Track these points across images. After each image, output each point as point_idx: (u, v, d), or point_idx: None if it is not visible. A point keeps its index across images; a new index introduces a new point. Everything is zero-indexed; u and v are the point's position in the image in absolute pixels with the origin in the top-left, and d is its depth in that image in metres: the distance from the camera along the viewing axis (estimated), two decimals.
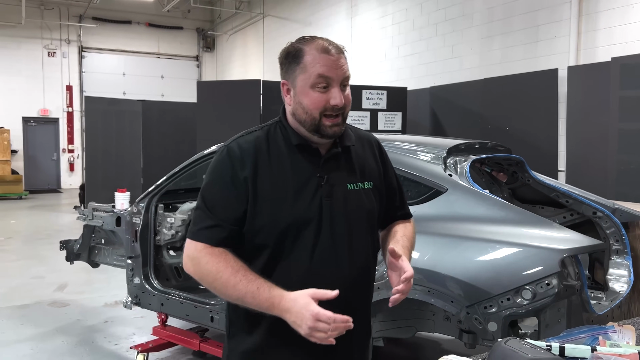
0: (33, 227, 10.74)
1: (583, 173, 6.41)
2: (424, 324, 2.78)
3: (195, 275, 1.52)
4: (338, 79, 1.50)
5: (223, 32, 18.47)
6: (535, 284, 2.26)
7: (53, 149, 17.82)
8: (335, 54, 1.50)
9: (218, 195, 1.53)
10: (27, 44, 17.07)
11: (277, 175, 1.52)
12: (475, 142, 3.37)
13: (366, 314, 1.69)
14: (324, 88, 1.49)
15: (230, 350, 1.65)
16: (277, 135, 1.58)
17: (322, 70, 1.48)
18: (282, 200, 1.50)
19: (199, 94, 8.53)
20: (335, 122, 1.51)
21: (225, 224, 1.50)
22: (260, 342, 1.56)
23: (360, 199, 1.59)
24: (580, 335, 1.50)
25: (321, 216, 1.52)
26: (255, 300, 1.42)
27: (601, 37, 6.77)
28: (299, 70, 1.51)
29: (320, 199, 1.53)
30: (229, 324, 1.67)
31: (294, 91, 1.53)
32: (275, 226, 1.50)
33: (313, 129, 1.52)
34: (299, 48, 1.52)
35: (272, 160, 1.53)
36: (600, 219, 3.04)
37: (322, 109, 1.50)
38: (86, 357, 4.20)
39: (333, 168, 1.57)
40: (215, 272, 1.46)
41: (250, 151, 1.53)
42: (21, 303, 5.53)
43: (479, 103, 7.86)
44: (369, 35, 10.75)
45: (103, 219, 4.28)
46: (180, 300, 3.66)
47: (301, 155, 1.55)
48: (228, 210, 1.51)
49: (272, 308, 1.41)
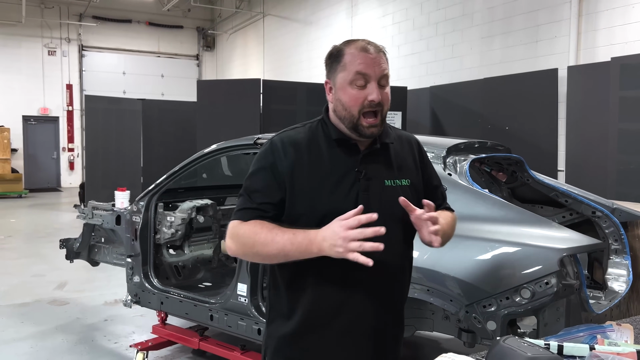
0: (33, 225, 10.74)
1: (583, 173, 6.42)
2: (423, 323, 2.78)
3: (237, 249, 1.60)
4: (376, 76, 1.56)
5: (223, 31, 18.46)
6: (534, 283, 2.26)
7: (53, 148, 17.82)
8: (374, 52, 1.58)
9: (258, 183, 1.62)
10: (27, 43, 17.07)
11: (316, 168, 1.60)
12: (475, 142, 3.37)
13: (401, 306, 1.74)
14: (362, 85, 1.56)
15: (268, 336, 1.72)
16: (319, 131, 1.66)
17: (360, 67, 1.55)
18: (320, 191, 1.58)
19: (199, 93, 8.54)
20: (373, 123, 1.57)
21: (262, 207, 1.59)
22: (297, 326, 1.62)
23: (397, 195, 1.61)
24: (578, 334, 1.50)
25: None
26: (294, 245, 1.48)
27: (601, 37, 6.78)
28: (339, 68, 1.59)
29: (357, 192, 1.58)
30: (269, 309, 1.73)
31: (335, 89, 1.62)
32: (312, 215, 1.56)
33: (351, 127, 1.59)
34: (340, 48, 1.62)
35: (312, 153, 1.61)
36: (599, 218, 3.05)
37: (361, 105, 1.56)
38: (86, 355, 4.21)
39: (371, 164, 1.62)
40: (252, 234, 1.54)
41: (291, 144, 1.62)
42: (21, 301, 5.54)
43: (478, 103, 7.86)
44: (369, 34, 10.74)
45: (103, 217, 4.29)
46: (180, 299, 3.67)
47: (340, 150, 1.62)
48: (266, 197, 1.59)
49: (310, 245, 1.47)
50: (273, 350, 1.69)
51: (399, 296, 1.72)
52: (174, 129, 10.37)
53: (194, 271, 4.40)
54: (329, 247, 1.44)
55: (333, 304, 1.59)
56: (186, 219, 4.13)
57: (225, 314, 3.35)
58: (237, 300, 3.26)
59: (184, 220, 4.11)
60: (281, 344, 1.67)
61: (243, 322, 3.24)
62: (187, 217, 4.14)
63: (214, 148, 3.66)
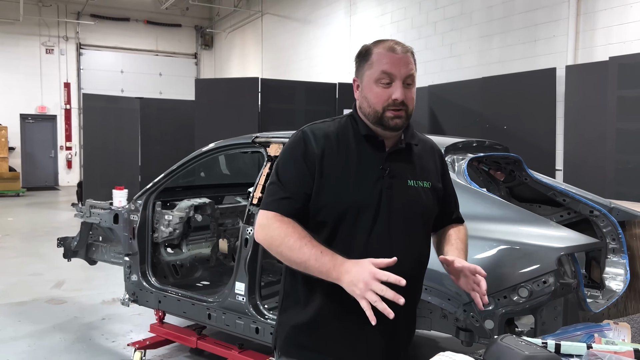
0: (31, 224, 10.73)
1: (581, 172, 6.42)
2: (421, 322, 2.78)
3: (265, 240, 1.60)
4: (401, 75, 1.60)
5: (222, 30, 18.45)
6: (532, 282, 2.26)
7: (51, 146, 17.79)
8: (401, 52, 1.63)
9: (291, 171, 1.63)
10: (25, 41, 17.04)
11: (343, 160, 1.63)
12: (473, 141, 3.36)
13: (413, 306, 1.76)
14: (387, 84, 1.60)
15: (280, 324, 1.73)
16: (348, 126, 1.69)
17: (386, 67, 1.60)
18: (346, 183, 1.60)
19: (197, 92, 8.54)
20: (398, 115, 1.60)
21: (296, 197, 1.61)
22: (313, 315, 1.63)
23: (419, 195, 1.67)
24: (576, 333, 1.51)
25: (380, 204, 1.61)
26: (317, 263, 1.49)
27: (599, 37, 6.78)
28: (366, 67, 1.64)
29: (380, 188, 1.61)
30: (284, 297, 1.73)
31: (362, 86, 1.66)
32: (336, 205, 1.60)
33: (376, 121, 1.62)
34: (368, 48, 1.66)
35: (341, 146, 1.64)
36: (597, 217, 3.05)
37: (385, 103, 1.60)
38: (83, 354, 4.20)
39: (395, 162, 1.66)
40: (283, 235, 1.55)
41: (322, 135, 1.65)
42: (19, 300, 5.53)
43: (477, 102, 7.86)
44: (368, 33, 10.74)
45: (101, 216, 4.28)
46: (178, 298, 3.67)
47: (367, 146, 1.66)
48: (300, 186, 1.61)
49: (331, 270, 1.48)
50: (284, 338, 1.70)
51: (416, 293, 1.75)
52: (172, 127, 10.36)
53: (192, 270, 4.40)
54: (348, 283, 1.45)
55: (346, 300, 1.56)
56: (184, 217, 4.13)
57: (223, 312, 3.34)
58: (234, 299, 3.26)
59: (182, 218, 4.11)
60: (295, 333, 1.68)
61: (241, 320, 3.24)
62: (185, 216, 4.13)
63: (212, 147, 3.66)
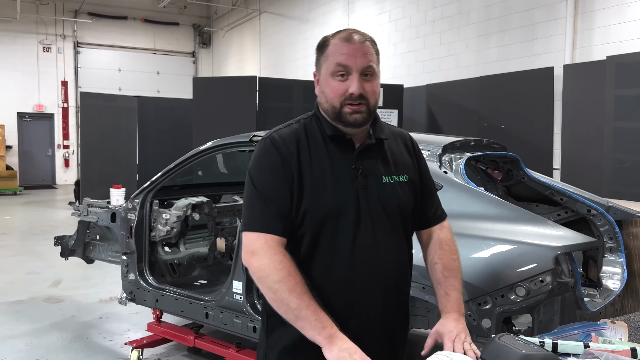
0: (28, 222, 10.71)
1: (578, 171, 6.43)
2: (418, 321, 2.78)
3: (259, 271, 1.46)
4: (358, 67, 1.48)
5: (219, 29, 18.42)
6: (529, 281, 2.26)
7: (48, 145, 17.76)
8: (358, 42, 1.50)
9: (271, 182, 1.50)
10: (22, 39, 16.99)
11: (317, 166, 1.52)
12: (471, 140, 3.36)
13: (405, 304, 1.70)
14: (343, 76, 1.49)
15: (269, 348, 1.60)
16: (314, 127, 1.58)
17: (341, 58, 1.48)
18: (322, 188, 1.51)
19: (195, 90, 8.52)
20: (356, 110, 1.49)
21: (284, 210, 1.48)
22: (301, 335, 1.50)
23: (395, 191, 1.58)
24: (573, 332, 1.51)
25: (359, 207, 1.52)
26: (307, 320, 1.39)
27: (597, 36, 6.79)
28: (322, 59, 1.54)
29: (356, 190, 1.53)
30: (268, 317, 1.61)
31: (320, 81, 1.56)
32: (315, 213, 1.49)
33: (335, 117, 1.53)
34: (326, 39, 1.55)
35: (312, 151, 1.54)
36: (594, 216, 3.05)
37: (342, 97, 1.49)
38: (81, 353, 4.20)
39: (367, 160, 1.57)
40: (286, 273, 1.42)
41: (293, 141, 1.53)
42: (16, 299, 5.52)
43: (475, 101, 7.87)
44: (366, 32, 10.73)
45: (98, 215, 4.27)
46: (175, 297, 3.66)
47: (336, 146, 1.55)
48: (284, 197, 1.49)
49: (315, 337, 1.38)
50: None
51: (404, 293, 1.68)
52: (169, 126, 10.35)
53: (190, 269, 4.40)
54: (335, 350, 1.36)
55: (339, 309, 1.50)
56: (182, 216, 4.12)
57: (220, 311, 3.34)
58: (232, 298, 3.26)
59: (180, 217, 4.10)
60: (288, 355, 1.55)
61: (238, 319, 3.23)
62: (182, 215, 4.12)
63: (210, 145, 3.65)
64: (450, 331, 1.52)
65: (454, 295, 1.60)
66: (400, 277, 1.63)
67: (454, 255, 1.67)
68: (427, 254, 1.70)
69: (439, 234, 1.70)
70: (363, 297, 1.53)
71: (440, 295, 1.62)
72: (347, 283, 1.51)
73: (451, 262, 1.65)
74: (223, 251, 4.50)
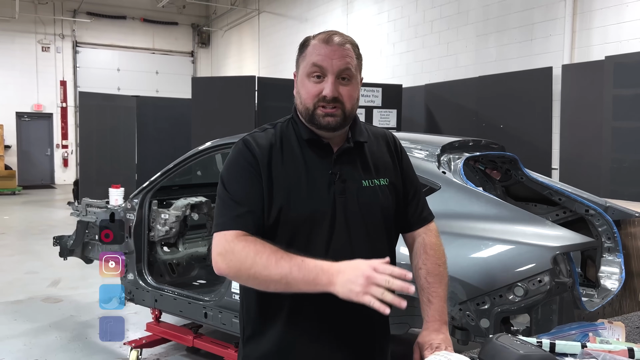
0: (27, 222, 10.70)
1: (577, 171, 6.44)
2: (417, 321, 2.78)
3: (231, 268, 1.38)
4: (334, 69, 1.44)
5: (218, 28, 18.41)
6: (528, 281, 2.27)
7: (47, 145, 17.73)
8: (337, 44, 1.45)
9: (241, 184, 1.45)
10: (20, 39, 16.96)
11: (291, 171, 1.47)
12: (469, 140, 3.37)
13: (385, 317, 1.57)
14: (318, 77, 1.45)
15: (246, 356, 1.57)
16: (289, 131, 1.54)
17: (317, 59, 1.44)
18: (296, 196, 1.45)
19: (193, 90, 8.52)
20: (329, 112, 1.45)
21: (254, 208, 1.43)
22: (276, 344, 1.48)
23: (376, 195, 1.53)
24: (570, 332, 1.51)
25: (335, 213, 1.47)
26: (301, 272, 1.30)
27: (595, 36, 6.80)
28: (301, 59, 1.50)
29: (333, 195, 1.47)
30: (243, 326, 1.58)
31: (297, 81, 1.52)
32: (287, 220, 1.44)
33: (308, 120, 1.48)
34: (307, 39, 1.51)
35: (285, 155, 1.49)
36: (592, 216, 3.06)
37: (315, 99, 1.45)
38: (79, 352, 4.20)
39: (346, 164, 1.51)
40: (253, 254, 1.35)
41: (265, 145, 1.49)
42: (15, 298, 5.52)
43: (473, 101, 7.87)
44: (365, 32, 10.74)
45: (97, 214, 4.27)
46: (174, 297, 3.66)
47: (312, 151, 1.50)
48: (255, 196, 1.44)
49: (320, 275, 1.29)
50: None
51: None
52: (168, 126, 10.33)
53: (188, 269, 4.40)
54: (343, 282, 1.27)
55: (313, 319, 1.46)
56: (180, 216, 4.12)
57: (219, 311, 3.34)
58: (231, 298, 3.26)
59: (178, 217, 4.10)
60: None
61: (237, 319, 3.24)
62: (181, 215, 4.13)
63: (209, 145, 3.65)
64: (430, 343, 1.48)
65: (436, 302, 1.54)
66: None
67: (439, 260, 1.60)
68: (412, 258, 1.64)
69: (424, 238, 1.63)
70: (336, 310, 1.43)
71: (423, 302, 1.56)
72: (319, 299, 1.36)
73: (435, 267, 1.58)
74: None
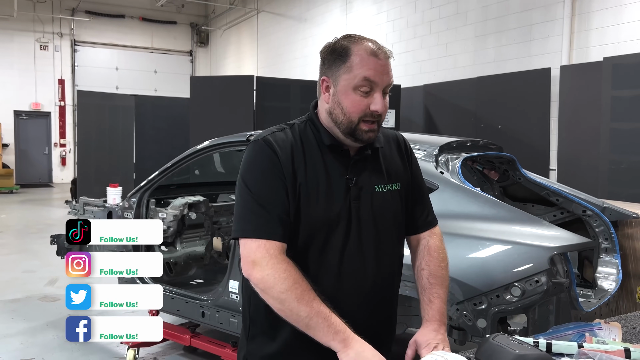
0: (24, 221, 10.68)
1: (574, 172, 6.45)
2: (414, 321, 2.78)
3: (265, 282, 1.38)
4: (382, 84, 1.45)
5: (217, 28, 18.40)
6: (525, 281, 2.27)
7: (45, 143, 17.71)
8: (383, 58, 1.46)
9: (267, 186, 1.43)
10: (19, 37, 16.94)
11: (311, 174, 1.47)
12: (467, 140, 3.38)
13: (392, 316, 1.66)
14: (367, 92, 1.45)
15: (249, 353, 1.57)
16: (308, 133, 1.53)
17: (369, 73, 1.43)
18: (315, 200, 1.46)
19: (192, 89, 8.51)
20: (372, 128, 1.47)
21: (282, 213, 1.42)
22: (283, 346, 1.49)
23: (387, 200, 1.56)
24: (567, 332, 1.51)
25: (350, 218, 1.49)
26: (325, 323, 1.35)
27: (594, 37, 6.81)
28: (343, 69, 1.45)
29: (348, 201, 1.49)
30: (250, 324, 1.58)
31: (334, 90, 1.48)
32: (308, 224, 1.45)
33: (348, 132, 1.48)
34: (346, 46, 1.46)
35: (306, 158, 1.48)
36: (589, 217, 3.07)
37: (362, 113, 1.45)
38: (77, 352, 4.19)
39: (361, 170, 1.53)
40: (292, 281, 1.36)
41: (287, 146, 1.47)
42: (12, 297, 5.51)
43: (472, 101, 7.88)
44: (364, 32, 10.68)
45: (94, 213, 4.27)
46: (172, 296, 3.66)
47: (332, 156, 1.51)
48: (281, 199, 1.43)
49: (335, 338, 1.35)
50: None
51: (392, 302, 1.63)
52: (166, 125, 10.32)
53: (186, 268, 4.40)
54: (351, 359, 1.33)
55: None
56: (178, 215, 4.12)
57: (216, 310, 3.34)
58: (228, 297, 3.26)
59: (176, 216, 4.10)
60: None
61: (234, 319, 3.24)
62: (179, 214, 4.13)
63: (207, 144, 3.65)
64: (428, 342, 1.50)
65: (437, 303, 1.57)
66: (386, 288, 1.60)
67: (442, 262, 1.63)
68: (415, 259, 1.67)
69: (428, 241, 1.66)
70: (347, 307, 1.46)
71: (424, 302, 1.59)
72: (330, 297, 1.43)
73: (438, 269, 1.62)
74: (219, 250, 4.51)
